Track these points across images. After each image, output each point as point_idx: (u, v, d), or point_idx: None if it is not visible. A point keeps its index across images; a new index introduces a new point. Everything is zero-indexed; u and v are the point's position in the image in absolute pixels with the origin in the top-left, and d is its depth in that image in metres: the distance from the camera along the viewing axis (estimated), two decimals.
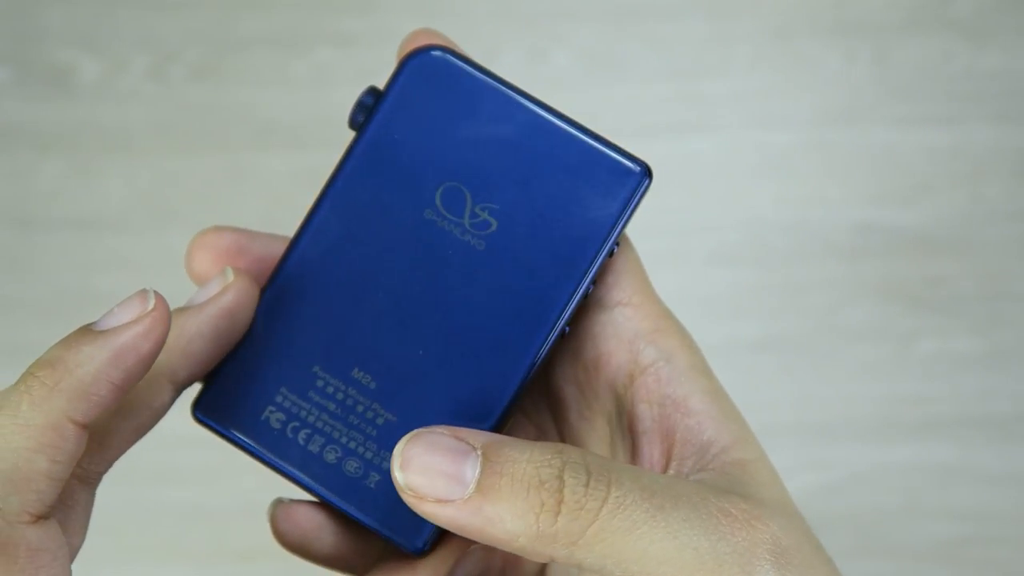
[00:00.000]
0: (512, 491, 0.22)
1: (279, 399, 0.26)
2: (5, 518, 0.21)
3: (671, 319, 0.28)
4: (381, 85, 0.28)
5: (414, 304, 0.26)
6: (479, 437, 0.23)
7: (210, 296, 0.25)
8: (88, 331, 0.22)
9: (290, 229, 0.28)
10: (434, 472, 0.22)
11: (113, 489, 0.27)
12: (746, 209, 0.63)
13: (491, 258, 0.26)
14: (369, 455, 0.26)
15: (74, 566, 0.23)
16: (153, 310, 0.22)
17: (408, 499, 0.23)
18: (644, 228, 0.30)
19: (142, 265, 0.62)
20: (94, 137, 0.64)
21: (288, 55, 0.65)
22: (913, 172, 0.63)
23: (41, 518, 0.21)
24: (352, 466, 0.26)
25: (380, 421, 0.26)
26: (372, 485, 0.26)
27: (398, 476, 0.22)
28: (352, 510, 0.26)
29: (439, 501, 0.22)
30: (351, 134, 0.28)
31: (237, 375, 0.26)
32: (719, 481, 0.25)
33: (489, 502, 0.22)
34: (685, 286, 0.61)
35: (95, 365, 0.22)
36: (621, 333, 0.27)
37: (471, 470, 0.22)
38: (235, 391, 0.26)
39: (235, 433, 0.26)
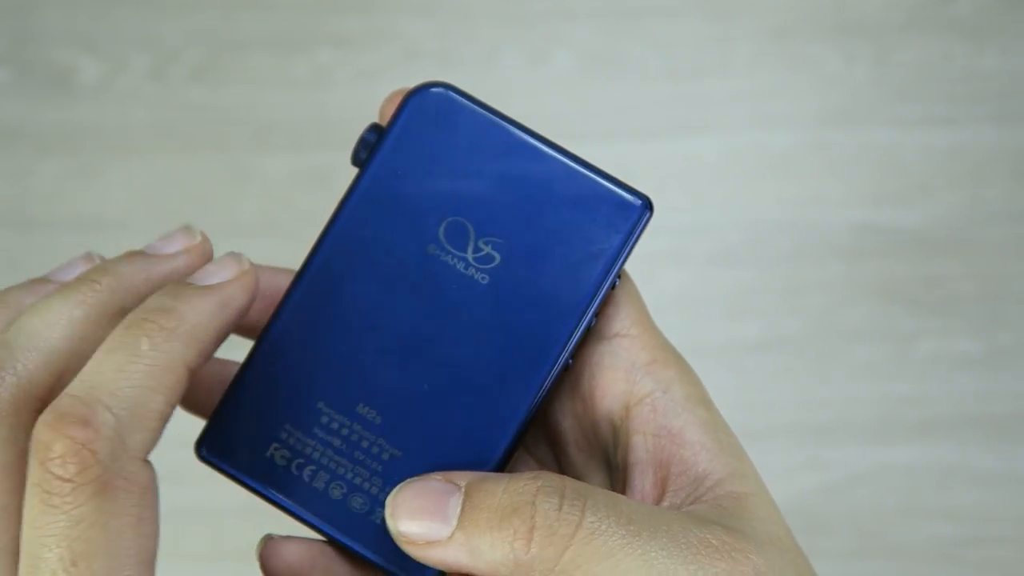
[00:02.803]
0: (488, 522, 0.22)
1: (284, 436, 0.26)
2: (129, 454, 0.21)
3: (670, 350, 0.28)
4: (380, 87, 0.28)
5: (418, 339, 0.26)
6: (466, 477, 0.24)
7: (223, 280, 0.24)
8: (190, 285, 0.23)
9: (289, 230, 0.28)
10: (422, 515, 0.23)
11: None
12: (746, 209, 0.63)
13: (495, 292, 0.27)
14: (375, 491, 0.26)
15: None
16: (250, 269, 0.24)
17: (402, 545, 0.23)
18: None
19: None
20: (94, 137, 0.64)
21: (288, 55, 0.65)
22: (913, 172, 0.63)
23: (147, 459, 0.22)
24: (358, 502, 0.26)
25: (386, 456, 0.26)
26: (379, 521, 0.26)
27: (390, 524, 0.23)
28: (358, 547, 0.26)
29: (428, 543, 0.23)
30: (350, 134, 0.28)
31: (240, 412, 0.26)
32: (710, 513, 0.24)
33: (469, 536, 0.22)
34: (685, 286, 0.61)
35: (205, 315, 0.23)
36: (618, 364, 0.27)
37: (454, 508, 0.23)
38: (239, 429, 0.26)
39: (241, 473, 0.26)
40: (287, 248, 0.31)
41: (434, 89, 0.27)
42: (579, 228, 0.27)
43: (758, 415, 0.59)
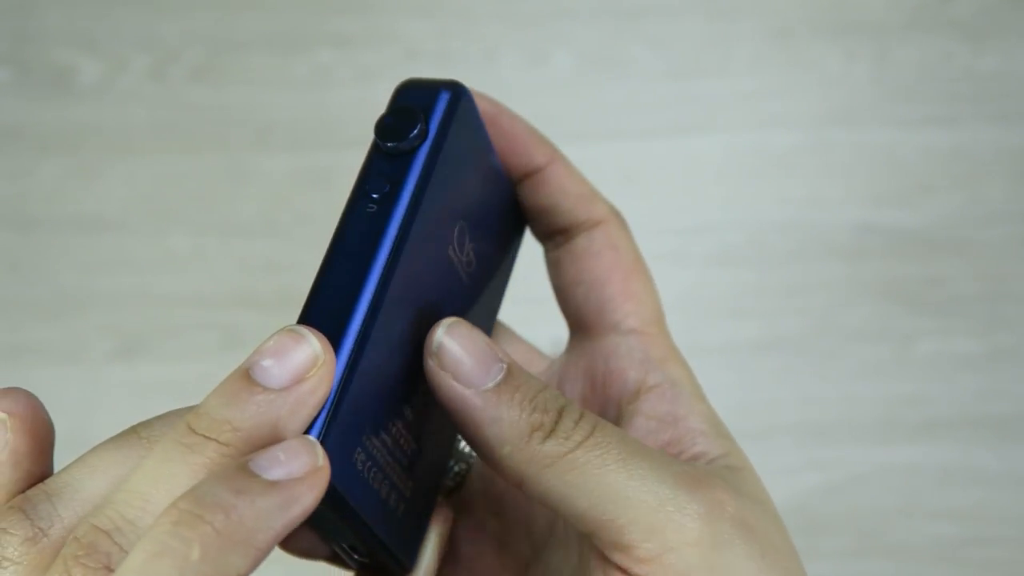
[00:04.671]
0: (521, 405, 0.24)
1: (364, 441, 0.24)
2: None
3: (678, 351, 0.29)
4: (380, 87, 0.27)
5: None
6: (505, 354, 0.25)
7: (292, 477, 0.21)
8: (254, 477, 0.20)
9: (289, 230, 0.27)
10: (465, 357, 0.24)
11: None
12: (746, 209, 0.63)
13: (470, 293, 0.28)
14: (400, 484, 0.25)
15: None
16: (324, 466, 0.21)
17: (431, 366, 0.24)
18: (645, 228, 0.30)
19: (142, 265, 0.62)
20: (94, 137, 0.64)
21: (288, 55, 0.65)
22: (913, 172, 0.63)
23: None
24: (393, 498, 0.25)
25: (409, 451, 0.26)
26: (400, 514, 0.25)
27: (434, 343, 0.24)
28: (384, 538, 0.25)
29: (458, 379, 0.24)
30: (350, 134, 0.28)
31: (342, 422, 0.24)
32: (704, 467, 0.26)
33: (499, 403, 0.24)
34: (685, 286, 0.61)
35: (266, 519, 0.20)
36: (634, 355, 0.29)
37: (495, 372, 0.24)
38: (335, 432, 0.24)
39: (338, 487, 0.23)
40: (287, 248, 0.31)
41: (466, 90, 0.27)
42: (502, 238, 0.30)
43: (759, 415, 0.59)
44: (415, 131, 0.25)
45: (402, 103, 0.26)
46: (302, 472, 0.21)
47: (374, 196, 0.25)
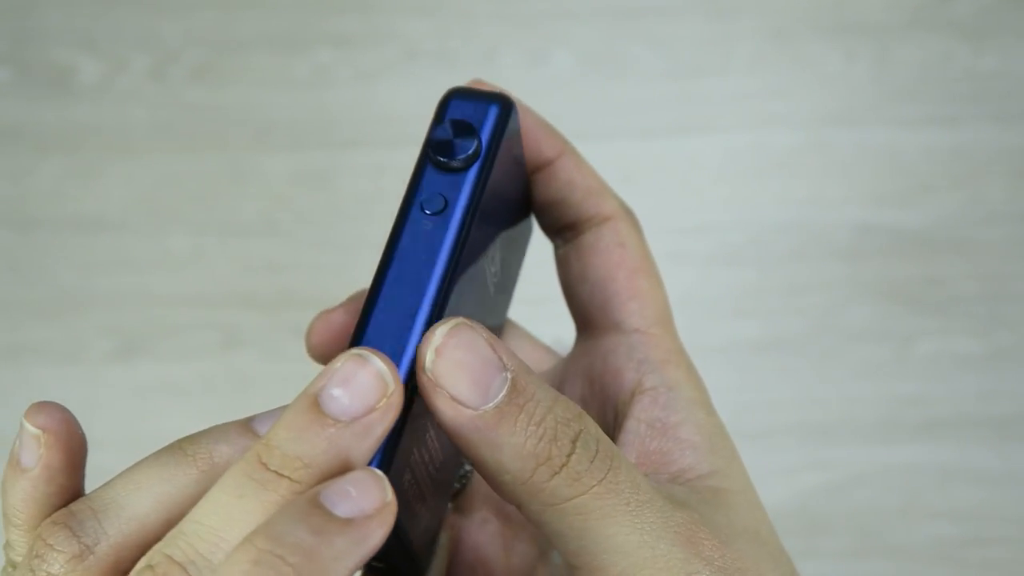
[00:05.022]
0: (525, 431, 0.21)
1: (412, 460, 0.24)
2: None
3: (683, 355, 0.28)
4: (380, 87, 0.27)
5: None
6: (512, 359, 0.22)
7: (364, 514, 0.21)
8: (330, 516, 0.20)
9: (289, 230, 0.27)
10: (462, 371, 0.21)
11: None
12: (747, 209, 0.63)
13: (493, 301, 0.27)
14: (428, 494, 0.25)
15: None
16: (392, 501, 0.21)
17: (424, 381, 0.22)
18: (645, 228, 0.30)
19: (142, 265, 0.62)
20: (94, 137, 0.64)
21: (288, 55, 0.65)
22: (913, 172, 0.63)
23: None
24: (422, 509, 0.25)
25: (437, 461, 0.25)
26: (425, 522, 0.25)
27: (427, 357, 0.21)
28: (412, 550, 0.25)
29: (453, 400, 0.21)
30: (349, 134, 0.28)
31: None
32: (690, 498, 0.25)
33: (500, 428, 0.21)
34: (687, 286, 0.61)
35: (343, 559, 0.20)
36: (633, 356, 0.27)
37: (497, 388, 0.21)
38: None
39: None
40: (287, 248, 0.31)
41: (514, 106, 0.27)
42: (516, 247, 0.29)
43: (760, 415, 0.59)
44: (471, 148, 0.25)
45: (453, 116, 0.26)
46: (372, 509, 0.20)
47: (428, 212, 0.25)
